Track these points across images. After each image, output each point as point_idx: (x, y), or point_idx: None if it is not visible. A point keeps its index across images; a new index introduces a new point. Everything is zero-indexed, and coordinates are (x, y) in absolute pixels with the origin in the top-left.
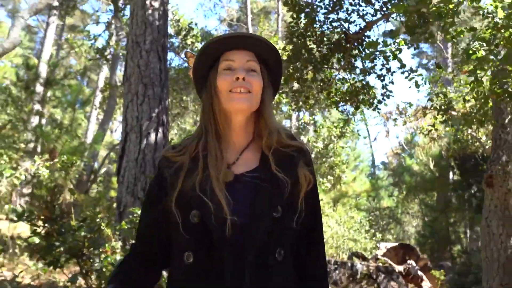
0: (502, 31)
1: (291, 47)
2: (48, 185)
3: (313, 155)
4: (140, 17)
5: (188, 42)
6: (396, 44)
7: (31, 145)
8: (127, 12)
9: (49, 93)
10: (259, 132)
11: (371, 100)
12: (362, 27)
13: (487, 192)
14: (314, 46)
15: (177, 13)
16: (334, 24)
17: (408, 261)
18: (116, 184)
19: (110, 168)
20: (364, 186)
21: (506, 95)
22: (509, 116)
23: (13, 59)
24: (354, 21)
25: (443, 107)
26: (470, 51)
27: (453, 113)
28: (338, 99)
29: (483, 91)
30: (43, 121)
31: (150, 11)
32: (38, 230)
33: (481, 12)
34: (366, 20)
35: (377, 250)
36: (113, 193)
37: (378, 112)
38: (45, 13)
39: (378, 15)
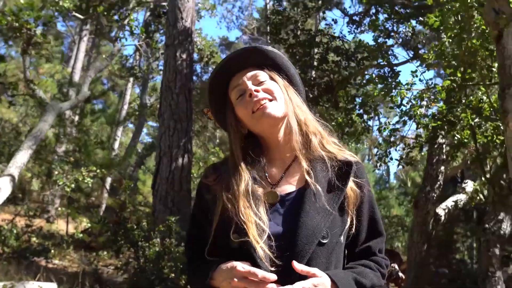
0: None
1: None
2: (84, 190)
3: None
4: (172, 66)
5: (210, 68)
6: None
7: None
8: (156, 36)
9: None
10: (302, 141)
11: (355, 133)
12: (345, 76)
13: (414, 212)
14: (307, 89)
15: (200, 35)
16: (323, 73)
17: (392, 265)
18: (141, 189)
19: (134, 173)
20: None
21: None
22: (436, 157)
23: (51, 70)
24: (338, 71)
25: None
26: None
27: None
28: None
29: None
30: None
31: (179, 62)
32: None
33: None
34: (348, 72)
35: None
36: (140, 198)
37: (360, 143)
38: (73, 20)
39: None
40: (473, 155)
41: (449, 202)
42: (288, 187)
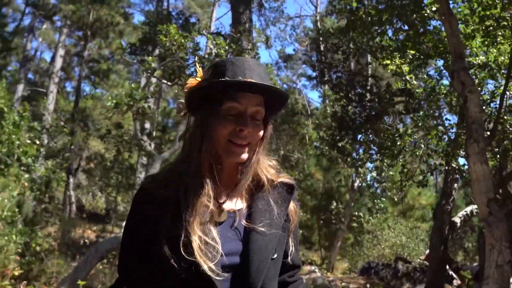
0: None
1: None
2: None
3: (369, 182)
4: None
5: None
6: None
7: None
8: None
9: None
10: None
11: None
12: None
13: (434, 221)
14: (350, 122)
15: None
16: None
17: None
18: None
19: None
20: (430, 199)
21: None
22: (451, 176)
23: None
24: (372, 107)
25: None
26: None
27: None
28: (370, 154)
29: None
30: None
31: None
32: None
33: None
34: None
35: (421, 255)
36: None
37: (397, 163)
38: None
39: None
40: None
41: (464, 212)
42: (234, 206)
